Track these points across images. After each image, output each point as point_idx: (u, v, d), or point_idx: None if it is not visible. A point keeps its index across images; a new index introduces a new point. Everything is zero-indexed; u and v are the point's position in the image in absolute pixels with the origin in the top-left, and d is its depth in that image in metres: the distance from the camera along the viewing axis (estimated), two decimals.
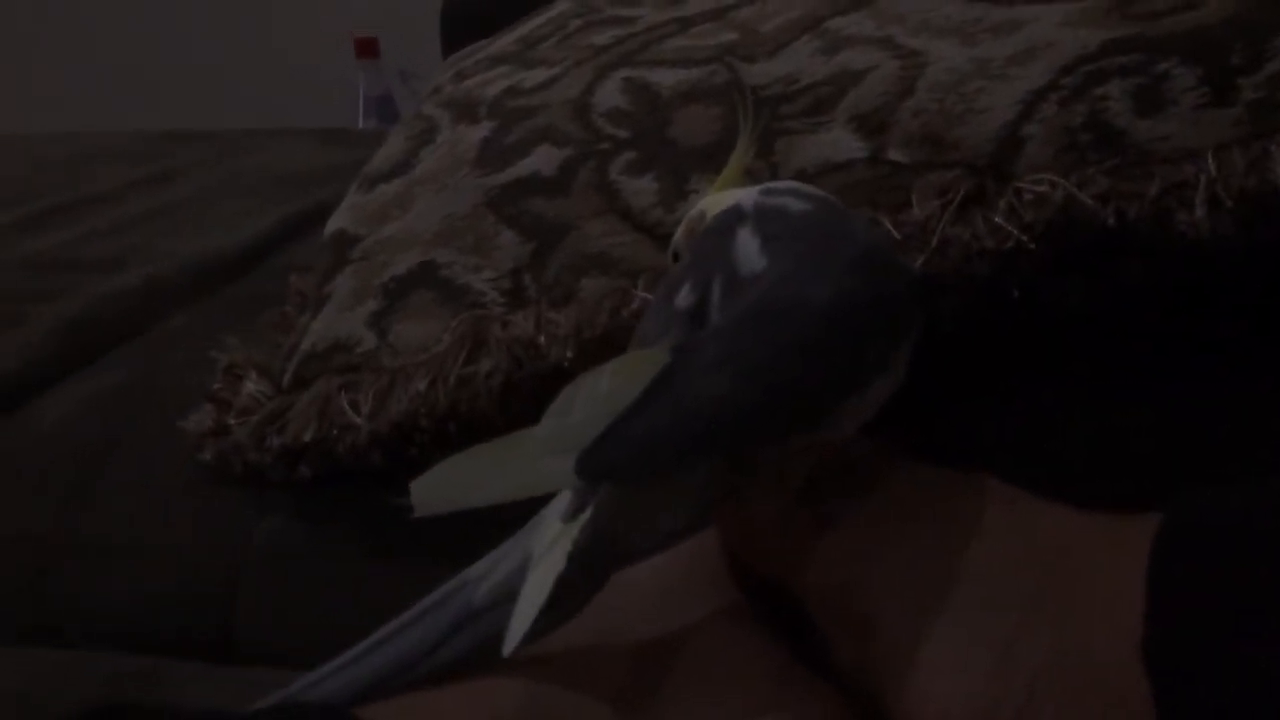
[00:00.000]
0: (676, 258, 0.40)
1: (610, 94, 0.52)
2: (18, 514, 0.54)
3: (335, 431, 0.47)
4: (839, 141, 0.46)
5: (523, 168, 0.51)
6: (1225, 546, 0.29)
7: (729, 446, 0.31)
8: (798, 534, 0.35)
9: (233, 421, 0.50)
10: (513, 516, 0.34)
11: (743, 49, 0.52)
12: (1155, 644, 0.27)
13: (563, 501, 0.32)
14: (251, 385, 0.50)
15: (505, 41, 0.63)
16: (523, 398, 0.46)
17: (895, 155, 0.45)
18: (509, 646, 0.29)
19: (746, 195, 0.37)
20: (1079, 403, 0.45)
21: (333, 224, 0.55)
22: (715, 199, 0.39)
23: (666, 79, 0.51)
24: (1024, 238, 0.42)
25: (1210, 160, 0.41)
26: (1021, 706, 0.29)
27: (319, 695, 0.33)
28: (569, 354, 0.45)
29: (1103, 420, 0.44)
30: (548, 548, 0.31)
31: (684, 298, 0.35)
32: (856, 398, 0.33)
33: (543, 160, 0.50)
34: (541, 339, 0.45)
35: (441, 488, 0.31)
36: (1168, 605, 0.28)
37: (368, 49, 1.72)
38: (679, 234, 0.40)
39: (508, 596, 0.32)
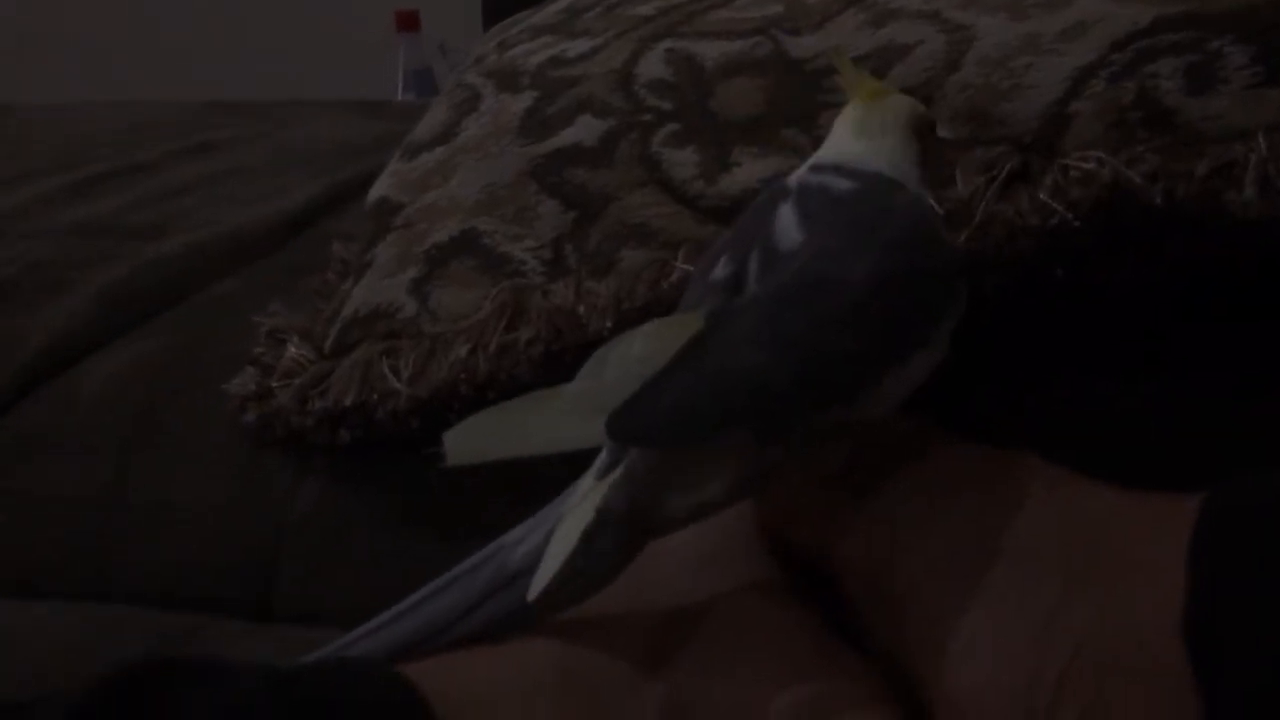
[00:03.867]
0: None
1: (653, 65, 0.52)
2: (67, 477, 0.55)
3: (376, 396, 0.47)
4: None
5: (565, 138, 0.51)
6: (1267, 526, 0.29)
7: (763, 417, 0.31)
8: (837, 508, 0.35)
9: (275, 385, 0.50)
10: (552, 485, 0.34)
11: (788, 21, 0.51)
12: (1196, 618, 0.27)
13: (598, 463, 0.32)
14: (294, 350, 0.51)
15: (549, 12, 0.63)
16: (563, 366, 0.46)
17: (941, 130, 0.44)
18: (533, 592, 0.30)
19: (795, 172, 0.37)
20: (1124, 381, 0.44)
21: (375, 192, 0.55)
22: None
23: (710, 51, 0.51)
24: (1069, 215, 0.41)
25: (1261, 140, 0.40)
26: (1062, 676, 0.29)
27: (357, 654, 0.33)
28: (608, 324, 0.45)
29: (1148, 399, 0.44)
30: (578, 503, 0.31)
31: (721, 270, 0.35)
32: (896, 372, 0.33)
33: (585, 131, 0.50)
34: (581, 309, 0.46)
35: (473, 439, 0.31)
36: (1209, 581, 0.28)
37: (409, 22, 1.72)
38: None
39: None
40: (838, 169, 0.37)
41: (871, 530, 0.34)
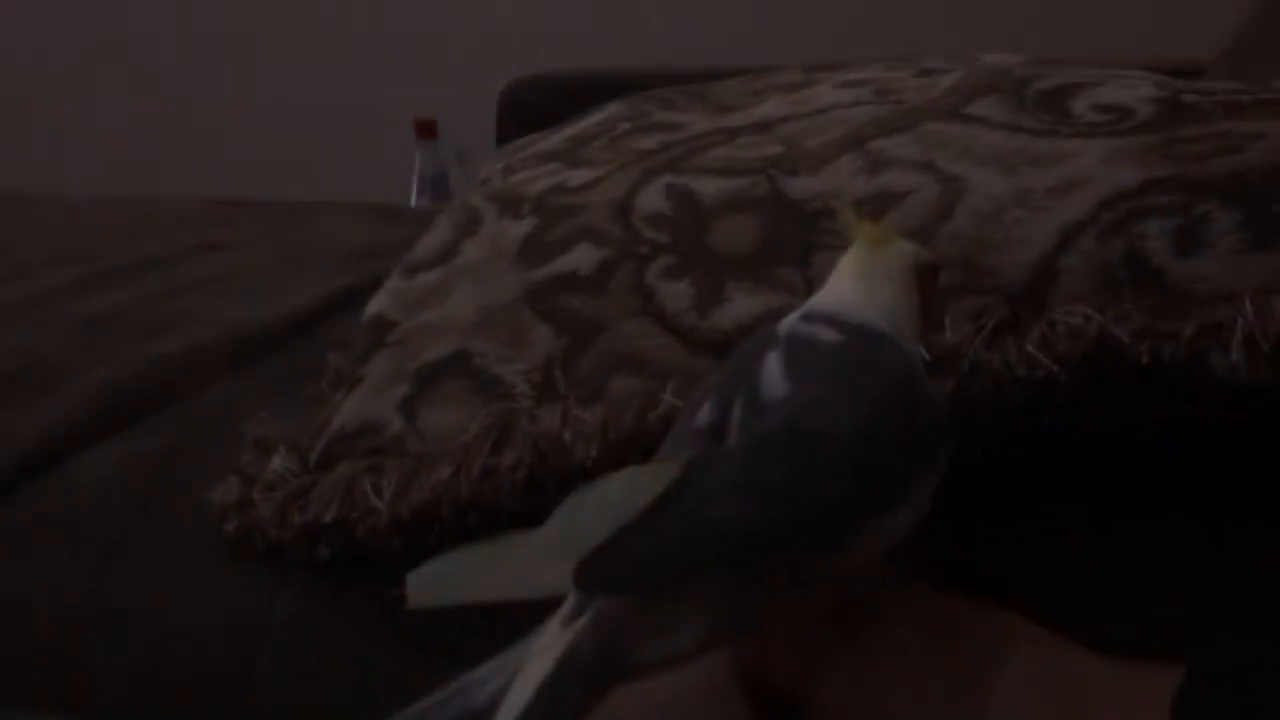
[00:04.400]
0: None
1: (652, 198, 0.53)
2: (48, 577, 0.54)
3: (356, 514, 0.47)
4: None
5: (562, 264, 0.51)
6: (1247, 701, 0.29)
7: (739, 565, 0.31)
8: (817, 653, 0.34)
9: (257, 496, 0.50)
10: (532, 611, 0.33)
11: (786, 162, 0.52)
12: None
13: (565, 609, 0.32)
14: (279, 461, 0.51)
15: (555, 139, 0.64)
16: (545, 493, 0.46)
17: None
18: None
19: (785, 320, 0.38)
20: (1107, 535, 0.44)
21: (371, 308, 0.56)
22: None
23: (709, 187, 0.52)
24: (1056, 368, 0.41)
25: (1248, 304, 0.41)
26: None
27: None
28: (593, 453, 0.45)
29: (1132, 555, 0.43)
30: (540, 652, 0.31)
31: (704, 416, 0.35)
32: (878, 524, 0.33)
33: (582, 259, 0.51)
34: (567, 436, 0.46)
35: (437, 582, 0.31)
36: None
37: (427, 130, 1.76)
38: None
39: None
40: (829, 319, 0.37)
41: (852, 677, 0.34)
